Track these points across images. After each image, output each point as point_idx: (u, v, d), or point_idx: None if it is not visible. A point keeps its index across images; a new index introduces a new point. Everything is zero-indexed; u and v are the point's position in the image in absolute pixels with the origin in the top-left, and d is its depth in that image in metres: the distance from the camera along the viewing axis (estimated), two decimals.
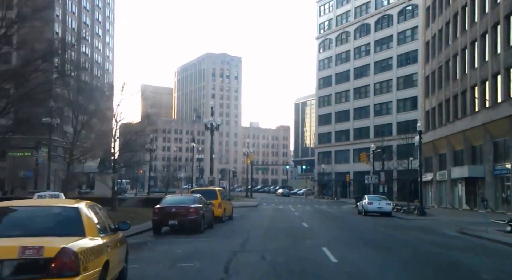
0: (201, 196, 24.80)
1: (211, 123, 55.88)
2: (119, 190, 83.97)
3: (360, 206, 41.68)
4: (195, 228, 22.14)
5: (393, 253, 16.70)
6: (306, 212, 43.71)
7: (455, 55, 51.38)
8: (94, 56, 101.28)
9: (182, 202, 23.14)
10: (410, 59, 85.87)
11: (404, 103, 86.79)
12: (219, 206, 28.90)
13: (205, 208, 23.70)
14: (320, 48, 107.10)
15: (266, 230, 24.29)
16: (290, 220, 32.27)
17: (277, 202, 71.33)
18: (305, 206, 59.34)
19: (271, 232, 23.22)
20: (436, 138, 55.92)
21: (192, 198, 23.88)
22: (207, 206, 24.77)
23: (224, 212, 29.44)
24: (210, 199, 28.18)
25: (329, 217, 38.46)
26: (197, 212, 22.12)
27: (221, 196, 29.72)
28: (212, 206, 27.95)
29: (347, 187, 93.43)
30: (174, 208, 22.04)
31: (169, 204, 22.71)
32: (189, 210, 21.94)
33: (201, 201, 24.01)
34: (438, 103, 56.78)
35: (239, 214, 38.32)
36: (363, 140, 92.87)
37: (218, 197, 29.19)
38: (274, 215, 38.70)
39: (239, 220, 31.82)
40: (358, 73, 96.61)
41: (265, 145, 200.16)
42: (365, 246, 18.35)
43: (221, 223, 28.06)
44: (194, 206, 22.37)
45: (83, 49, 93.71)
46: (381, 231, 26.28)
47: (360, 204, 41.74)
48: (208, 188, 33.90)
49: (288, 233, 22.94)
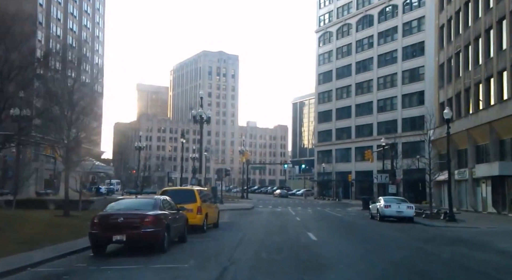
0: (166, 199, 17.18)
1: (201, 115, 48.45)
2: (96, 190, 76.19)
3: (373, 209, 34.14)
4: (155, 246, 14.66)
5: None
6: (308, 216, 36.16)
7: (476, 38, 43.95)
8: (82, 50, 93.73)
9: (135, 207, 15.55)
10: (416, 52, 78.43)
11: (410, 98, 79.28)
12: (198, 211, 21.39)
13: (172, 216, 16.17)
14: (319, 42, 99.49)
15: (259, 248, 16.67)
16: (292, 229, 24.61)
17: (275, 203, 63.80)
18: (306, 208, 51.80)
19: (267, 253, 15.56)
20: (454, 132, 48.29)
21: (151, 201, 16.16)
22: (177, 213, 17.23)
23: (205, 219, 21.92)
24: (185, 202, 20.79)
25: (338, 223, 30.87)
26: (156, 221, 14.58)
27: (201, 198, 22.18)
28: (190, 211, 20.58)
29: (349, 188, 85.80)
30: (122, 217, 14.45)
31: (116, 211, 15.13)
32: (144, 220, 14.40)
33: (166, 205, 16.47)
34: (455, 93, 49.32)
35: (229, 219, 30.82)
36: (366, 138, 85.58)
37: (197, 199, 21.65)
38: (271, 221, 31.08)
39: (226, 228, 24.23)
40: (360, 67, 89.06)
41: (263, 145, 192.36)
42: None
43: (201, 234, 20.63)
44: (152, 213, 14.82)
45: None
46: (419, 248, 18.68)
47: (373, 207, 34.20)
48: (184, 188, 26.03)
49: (292, 254, 15.34)
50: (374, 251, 16.88)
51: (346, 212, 45.03)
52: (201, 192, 23.12)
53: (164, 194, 22.13)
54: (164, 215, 15.36)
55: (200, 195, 22.17)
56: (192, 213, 21.18)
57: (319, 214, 40.70)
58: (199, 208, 21.39)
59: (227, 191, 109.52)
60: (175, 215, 16.74)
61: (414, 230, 26.12)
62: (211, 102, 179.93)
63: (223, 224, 26.52)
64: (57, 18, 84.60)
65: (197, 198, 21.63)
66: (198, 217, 21.29)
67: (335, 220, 33.05)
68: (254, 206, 51.01)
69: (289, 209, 47.38)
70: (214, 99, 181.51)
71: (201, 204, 21.63)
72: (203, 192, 23.65)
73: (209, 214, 22.74)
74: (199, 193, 22.16)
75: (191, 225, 21.06)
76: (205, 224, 21.83)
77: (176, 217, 16.69)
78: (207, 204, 22.92)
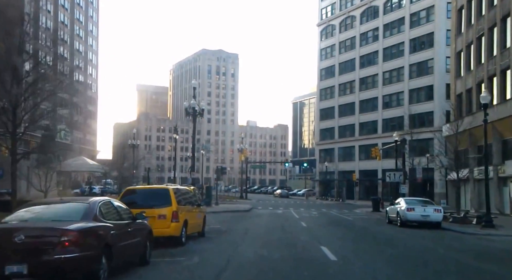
0: (110, 203, 11.00)
1: (193, 107, 42.69)
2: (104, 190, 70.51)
3: (391, 212, 28.16)
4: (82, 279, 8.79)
5: None
6: (315, 221, 30.22)
7: (504, 17, 38.00)
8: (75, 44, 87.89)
9: (54, 217, 9.48)
10: (424, 44, 72.51)
11: (418, 93, 73.34)
12: (174, 217, 15.46)
13: (118, 230, 10.22)
14: (321, 36, 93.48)
15: (254, 278, 10.81)
16: (298, 240, 18.54)
17: (275, 204, 57.86)
18: (310, 209, 45.87)
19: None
20: (476, 126, 42.37)
21: (82, 207, 9.87)
22: (131, 223, 11.29)
23: (184, 228, 15.99)
24: (156, 205, 15.13)
25: (353, 230, 24.82)
26: (83, 241, 8.62)
27: (178, 199, 16.22)
28: (162, 218, 14.82)
29: (353, 188, 79.76)
30: (22, 234, 8.44)
31: (18, 224, 9.16)
32: (61, 239, 8.46)
33: (109, 213, 10.47)
34: (476, 83, 43.36)
35: (221, 224, 24.94)
36: (370, 136, 79.69)
37: (172, 201, 15.70)
38: (271, 226, 25.02)
39: (214, 239, 18.25)
40: (365, 61, 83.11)
41: (263, 144, 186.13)
42: None
43: (176, 249, 14.84)
44: (76, 227, 8.77)
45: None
46: (475, 267, 12.80)
47: (391, 210, 28.21)
48: (155, 187, 19.70)
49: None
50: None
51: (355, 215, 39.11)
52: (178, 191, 17.07)
53: (126, 195, 16.24)
54: (100, 229, 9.46)
55: (177, 196, 16.22)
56: (165, 221, 15.34)
57: (326, 217, 34.78)
58: (174, 213, 15.48)
59: (226, 191, 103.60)
60: (126, 227, 10.82)
61: (452, 240, 20.20)
62: (211, 102, 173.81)
63: (212, 231, 20.67)
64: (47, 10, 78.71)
65: (172, 200, 15.68)
66: (174, 226, 15.40)
67: (348, 226, 27.06)
68: (252, 208, 45.05)
69: (291, 211, 41.47)
70: (213, 99, 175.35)
71: (177, 208, 15.70)
72: (181, 191, 17.60)
73: (190, 221, 16.81)
74: (175, 193, 16.20)
75: (165, 237, 15.35)
76: (183, 235, 15.92)
77: (127, 231, 10.78)
78: (187, 208, 16.99)
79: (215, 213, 35.77)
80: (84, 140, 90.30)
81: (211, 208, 40.78)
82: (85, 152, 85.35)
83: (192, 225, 17.00)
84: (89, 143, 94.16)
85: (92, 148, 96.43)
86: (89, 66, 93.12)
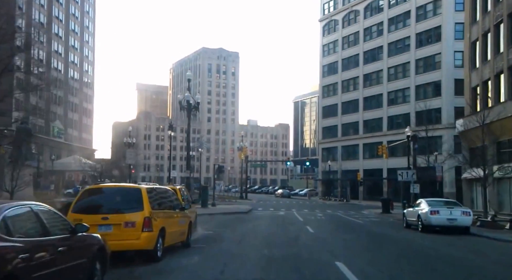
0: (30, 208, 7.03)
1: (188, 100, 38.91)
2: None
3: (410, 215, 24.28)
4: None
5: None
6: (322, 225, 26.37)
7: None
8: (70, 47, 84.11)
9: None
10: (431, 38, 68.66)
11: (425, 89, 69.44)
12: (146, 225, 11.58)
13: (38, 251, 6.36)
14: (324, 32, 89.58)
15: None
16: (306, 252, 14.53)
17: (277, 205, 54.01)
18: (314, 211, 42.03)
19: None
20: (494, 120, 38.48)
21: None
22: (68, 239, 7.45)
23: (160, 239, 12.08)
24: (123, 209, 11.46)
25: (370, 237, 20.77)
26: None
27: (153, 202, 12.34)
28: (129, 226, 11.07)
29: (357, 187, 75.83)
30: None
31: None
32: None
33: (25, 224, 6.56)
34: (495, 74, 39.40)
35: (214, 229, 21.16)
36: (375, 133, 75.86)
37: (144, 204, 11.82)
38: (272, 233, 20.90)
39: (199, 252, 14.24)
40: (369, 57, 79.25)
41: (264, 144, 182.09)
42: None
43: (147, 266, 11.01)
44: None
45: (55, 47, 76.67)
46: None
47: (410, 213, 24.33)
48: (124, 186, 15.03)
49: None
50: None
51: (365, 217, 35.25)
52: (154, 192, 13.13)
53: (85, 196, 12.36)
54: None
55: (151, 198, 12.36)
56: (133, 230, 11.50)
57: (333, 220, 30.91)
58: (147, 220, 11.62)
59: (227, 190, 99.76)
60: (55, 245, 7.00)
61: (488, 249, 16.44)
62: (211, 101, 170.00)
63: (201, 238, 16.90)
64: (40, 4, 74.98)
65: (144, 203, 11.81)
66: (145, 236, 11.53)
67: (361, 232, 23.12)
68: (252, 209, 41.13)
69: (294, 213, 37.64)
70: (214, 97, 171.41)
71: (151, 213, 11.83)
72: (158, 192, 13.59)
73: (170, 229, 12.94)
74: (149, 194, 12.30)
75: (135, 251, 11.61)
76: (159, 248, 12.05)
77: (57, 251, 6.96)
78: (166, 213, 13.12)
79: (210, 215, 32.05)
80: (80, 138, 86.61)
81: (207, 209, 37.02)
82: (81, 150, 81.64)
83: (172, 234, 13.14)
84: (85, 141, 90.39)
85: (88, 146, 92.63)
86: (85, 62, 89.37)
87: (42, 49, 73.85)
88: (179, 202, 15.09)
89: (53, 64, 77.61)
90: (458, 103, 62.52)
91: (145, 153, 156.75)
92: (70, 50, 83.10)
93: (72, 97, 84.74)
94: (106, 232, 11.39)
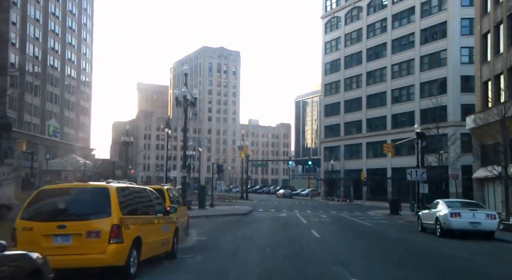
0: None
1: (185, 95, 36.50)
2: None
3: (427, 218, 21.71)
4: None
5: None
6: (328, 228, 23.82)
7: None
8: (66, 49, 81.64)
9: None
10: (437, 34, 66.13)
11: (430, 86, 66.89)
12: (114, 235, 9.08)
13: None
14: (326, 29, 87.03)
15: None
16: (313, 263, 12.04)
17: (278, 205, 51.48)
18: (317, 212, 39.51)
19: None
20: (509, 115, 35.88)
21: None
22: None
23: (133, 252, 9.57)
24: (85, 215, 9.02)
25: (383, 241, 18.28)
26: None
27: (124, 206, 9.83)
28: (93, 236, 8.58)
29: (360, 187, 73.29)
30: None
31: None
32: None
33: None
34: (508, 67, 36.89)
35: (207, 234, 18.68)
36: (379, 132, 73.41)
37: (113, 209, 9.33)
38: (273, 240, 18.12)
39: (184, 266, 11.69)
40: (372, 54, 76.72)
41: (265, 143, 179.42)
42: None
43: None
44: None
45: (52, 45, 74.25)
46: None
47: (427, 216, 21.74)
48: (89, 185, 11.95)
49: None
50: None
51: (372, 219, 32.70)
52: (126, 192, 10.43)
53: (39, 198, 9.82)
54: None
55: (123, 200, 9.83)
56: (98, 241, 9.01)
57: (339, 222, 28.37)
58: (115, 228, 9.11)
59: (227, 190, 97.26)
60: None
61: None
62: (212, 100, 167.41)
63: (192, 246, 14.48)
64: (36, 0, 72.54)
65: (112, 207, 9.30)
66: (113, 249, 9.03)
67: (373, 237, 20.51)
68: (252, 210, 38.59)
69: (297, 214, 35.13)
70: (215, 97, 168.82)
71: (121, 220, 9.33)
72: (133, 192, 10.89)
73: (148, 238, 10.39)
74: (119, 195, 9.78)
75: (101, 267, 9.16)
76: (132, 262, 9.52)
77: None
78: (143, 219, 10.56)
79: (207, 217, 29.60)
80: (77, 138, 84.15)
81: (205, 210, 34.58)
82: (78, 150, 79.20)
83: (150, 244, 10.63)
84: (82, 140, 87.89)
85: (86, 146, 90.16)
86: (83, 60, 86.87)
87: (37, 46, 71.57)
88: (163, 204, 12.53)
89: (49, 62, 75.21)
90: (465, 100, 60.13)
91: (145, 153, 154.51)
92: (67, 48, 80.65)
93: (69, 96, 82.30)
94: (63, 244, 8.97)
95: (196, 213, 31.34)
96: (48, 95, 75.66)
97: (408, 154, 66.53)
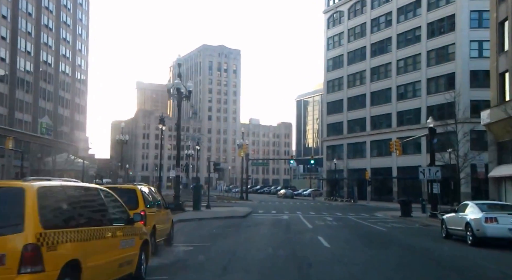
0: None
1: (178, 88, 33.45)
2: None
3: (453, 223, 18.36)
4: None
5: None
6: (337, 233, 20.52)
7: None
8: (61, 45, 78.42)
9: None
10: (444, 28, 62.88)
11: (437, 82, 63.69)
12: (27, 261, 5.78)
13: None
14: (328, 24, 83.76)
15: None
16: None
17: (279, 206, 48.20)
18: (321, 214, 36.22)
19: None
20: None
21: None
22: None
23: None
24: None
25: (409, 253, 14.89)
26: None
27: (48, 215, 6.42)
28: None
29: (365, 187, 69.99)
30: None
31: None
32: None
33: None
34: None
35: (198, 241, 15.45)
36: (383, 130, 70.33)
37: (27, 221, 6.00)
38: (273, 252, 14.56)
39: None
40: (377, 49, 73.46)
41: (266, 143, 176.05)
42: None
43: None
44: None
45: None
46: None
47: (453, 220, 18.38)
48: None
49: None
50: None
51: (383, 221, 29.36)
52: (55, 194, 6.96)
53: None
54: None
55: (47, 206, 6.54)
56: (2, 269, 5.71)
57: (348, 226, 25.03)
58: (30, 250, 5.82)
59: (227, 191, 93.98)
60: None
61: None
62: (212, 99, 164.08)
63: (171, 262, 11.19)
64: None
65: (26, 217, 6.02)
66: (27, 279, 5.79)
67: (393, 246, 17.07)
68: (251, 212, 35.24)
69: (300, 216, 31.85)
70: (215, 96, 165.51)
71: (41, 238, 6.02)
72: (69, 195, 7.33)
73: (90, 262, 7.01)
74: (40, 199, 6.45)
75: None
76: None
77: None
78: (86, 232, 7.19)
79: (200, 220, 26.36)
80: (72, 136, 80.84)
81: (199, 212, 31.29)
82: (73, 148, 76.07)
83: (98, 268, 7.32)
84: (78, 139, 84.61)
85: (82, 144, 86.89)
86: (78, 56, 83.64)
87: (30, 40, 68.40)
88: (125, 211, 9.14)
89: (42, 57, 72.00)
90: (474, 96, 56.91)
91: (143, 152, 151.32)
92: (61, 43, 77.45)
93: (63, 92, 79.08)
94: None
95: (189, 216, 28.14)
96: (41, 91, 72.45)
97: (415, 153, 63.39)
